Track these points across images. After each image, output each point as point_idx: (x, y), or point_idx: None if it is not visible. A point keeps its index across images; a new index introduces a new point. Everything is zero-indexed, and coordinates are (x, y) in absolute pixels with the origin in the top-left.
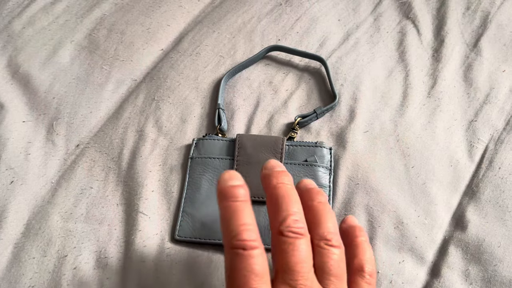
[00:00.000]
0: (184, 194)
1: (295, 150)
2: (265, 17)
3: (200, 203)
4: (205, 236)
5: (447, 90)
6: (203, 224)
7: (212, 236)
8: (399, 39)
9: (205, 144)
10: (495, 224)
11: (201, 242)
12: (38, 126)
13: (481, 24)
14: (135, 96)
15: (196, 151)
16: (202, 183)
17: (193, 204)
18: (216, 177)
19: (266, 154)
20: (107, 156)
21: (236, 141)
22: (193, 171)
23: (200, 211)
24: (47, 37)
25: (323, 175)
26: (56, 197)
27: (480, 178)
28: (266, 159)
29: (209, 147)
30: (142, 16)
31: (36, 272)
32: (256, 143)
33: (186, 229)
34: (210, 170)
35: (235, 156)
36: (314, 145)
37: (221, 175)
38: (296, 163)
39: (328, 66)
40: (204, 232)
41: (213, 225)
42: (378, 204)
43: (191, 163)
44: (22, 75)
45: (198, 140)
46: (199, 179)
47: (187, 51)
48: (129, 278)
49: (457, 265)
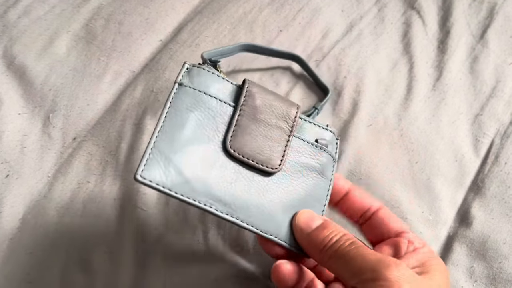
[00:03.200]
0: (160, 127)
1: (304, 125)
2: (267, 8)
3: (180, 144)
4: (180, 189)
5: (452, 82)
6: (179, 172)
7: (188, 193)
8: (403, 30)
9: (201, 75)
10: (501, 221)
11: (171, 195)
12: (34, 118)
13: (488, 15)
14: (133, 88)
15: (187, 79)
16: (188, 120)
17: (170, 143)
18: (208, 121)
19: (275, 118)
20: (104, 149)
21: (245, 87)
22: (178, 101)
23: (179, 155)
24: (43, 27)
25: (329, 165)
26: (53, 191)
27: (485, 174)
28: (275, 124)
29: (206, 81)
30: (140, 6)
31: (34, 267)
32: (266, 100)
33: (155, 172)
34: (202, 108)
35: (239, 103)
36: (326, 127)
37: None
38: (306, 140)
39: (306, 62)
40: (179, 183)
41: (193, 179)
42: (381, 199)
43: (179, 91)
44: (17, 66)
45: (192, 66)
46: (185, 114)
47: (187, 42)
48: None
49: (462, 262)
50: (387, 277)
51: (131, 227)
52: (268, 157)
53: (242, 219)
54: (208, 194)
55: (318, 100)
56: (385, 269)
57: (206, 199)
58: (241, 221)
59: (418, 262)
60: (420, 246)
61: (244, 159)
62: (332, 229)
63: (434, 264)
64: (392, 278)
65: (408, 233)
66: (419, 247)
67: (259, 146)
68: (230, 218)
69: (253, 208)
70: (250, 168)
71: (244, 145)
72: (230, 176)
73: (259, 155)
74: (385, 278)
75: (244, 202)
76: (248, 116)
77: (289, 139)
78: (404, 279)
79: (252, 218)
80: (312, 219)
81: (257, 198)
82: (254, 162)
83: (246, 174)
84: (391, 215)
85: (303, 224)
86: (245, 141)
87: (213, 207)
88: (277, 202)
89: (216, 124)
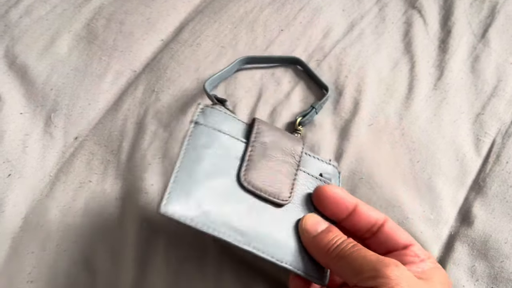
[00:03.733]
0: (179, 163)
1: (308, 160)
2: (268, 7)
3: (199, 178)
4: (200, 221)
5: (454, 82)
6: (199, 205)
7: (207, 224)
8: (404, 30)
9: (214, 114)
10: (502, 220)
11: (192, 226)
12: (35, 118)
13: (489, 14)
14: (134, 88)
15: (202, 118)
16: (204, 157)
17: (190, 179)
18: (222, 157)
19: (283, 154)
20: (106, 148)
21: (255, 125)
22: (195, 139)
23: (199, 189)
24: (44, 27)
25: None
26: (55, 190)
27: (487, 173)
28: (282, 160)
29: (219, 119)
30: (141, 5)
31: (35, 267)
32: (274, 136)
33: (176, 205)
34: (216, 145)
35: (250, 140)
36: (328, 162)
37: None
38: (311, 174)
39: (304, 63)
40: (199, 215)
41: (211, 211)
42: (382, 199)
43: (195, 129)
44: (19, 65)
45: (205, 107)
46: (201, 150)
47: (188, 41)
48: (130, 272)
49: (463, 261)
50: (387, 274)
51: (133, 226)
52: (278, 190)
53: (258, 248)
54: (226, 225)
55: (318, 100)
56: (385, 268)
57: (225, 230)
58: (257, 250)
59: (420, 270)
60: (425, 258)
61: (256, 192)
62: (336, 233)
63: (436, 274)
64: (391, 276)
65: (415, 245)
66: (424, 259)
67: (270, 180)
68: (247, 248)
69: (267, 238)
70: (262, 201)
71: (256, 179)
72: (245, 208)
73: (271, 187)
74: (384, 276)
75: (259, 232)
76: (258, 152)
77: (296, 173)
78: (403, 278)
79: (268, 247)
80: (318, 223)
81: (270, 228)
82: (266, 195)
83: (260, 206)
84: (397, 228)
85: (309, 227)
86: (257, 175)
87: (231, 237)
88: (289, 231)
89: (230, 159)
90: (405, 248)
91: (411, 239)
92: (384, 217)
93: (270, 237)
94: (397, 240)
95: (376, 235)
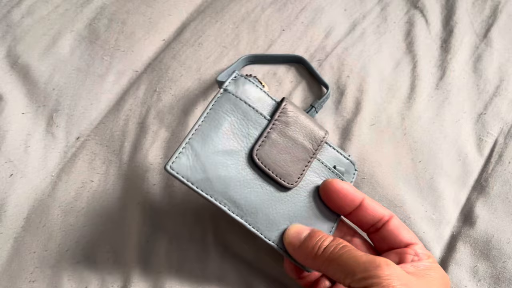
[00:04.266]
0: (197, 125)
1: (327, 149)
2: (269, 7)
3: (211, 144)
4: (201, 185)
5: (456, 81)
6: (204, 170)
7: (208, 191)
8: (406, 29)
9: (246, 85)
10: (505, 220)
11: (193, 189)
12: (37, 118)
13: (491, 14)
14: (136, 88)
15: (233, 86)
16: (223, 124)
17: (203, 141)
18: (241, 127)
19: (303, 137)
20: (108, 148)
21: (282, 104)
22: (219, 105)
23: (207, 154)
24: (46, 27)
25: None
26: (56, 190)
27: (489, 173)
28: (302, 143)
29: (249, 92)
30: (143, 5)
31: (37, 266)
32: (299, 119)
33: (183, 165)
34: (239, 115)
35: (273, 118)
36: (347, 157)
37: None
38: (325, 164)
39: (307, 61)
40: (202, 180)
41: (215, 178)
42: (384, 199)
43: (222, 96)
44: (21, 65)
45: (240, 76)
46: (222, 117)
47: (189, 41)
48: (131, 272)
49: (465, 262)
50: (378, 274)
51: (135, 226)
52: (287, 172)
53: (250, 222)
54: (225, 194)
55: (317, 99)
56: (375, 268)
57: (222, 198)
58: (248, 224)
59: (416, 269)
60: (424, 257)
61: (265, 169)
62: (320, 235)
63: (433, 273)
64: (382, 276)
65: (416, 244)
66: (422, 258)
67: (282, 160)
68: (239, 219)
69: (261, 215)
70: (268, 179)
71: (268, 157)
72: (248, 182)
73: (280, 168)
74: (376, 276)
75: (255, 208)
76: (278, 131)
77: (310, 160)
78: (394, 276)
79: (259, 224)
80: (300, 232)
81: (267, 206)
82: (274, 174)
83: (263, 183)
84: (402, 227)
85: (292, 238)
86: (270, 153)
87: (226, 206)
88: (285, 214)
89: (248, 132)
90: (407, 246)
91: (415, 238)
92: (390, 214)
93: (266, 215)
94: (400, 238)
95: (379, 231)
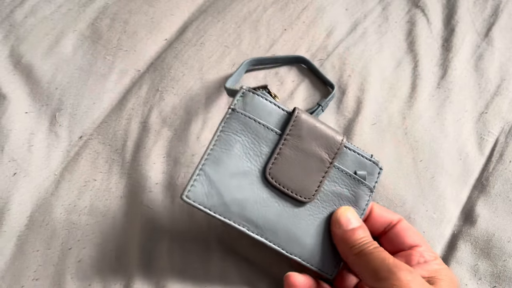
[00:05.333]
0: (209, 150)
1: (346, 154)
2: (271, 6)
3: (224, 168)
4: (219, 210)
5: (457, 80)
6: (220, 195)
7: (226, 214)
8: (408, 29)
9: (255, 101)
10: (505, 219)
11: (211, 214)
12: (41, 117)
13: (493, 13)
14: (138, 87)
15: (241, 104)
16: (235, 145)
17: (216, 166)
18: (252, 146)
19: (318, 147)
20: (110, 147)
21: (294, 115)
22: (229, 127)
23: (222, 179)
24: (49, 27)
25: (364, 197)
26: (60, 189)
27: (490, 172)
28: (317, 153)
29: (259, 107)
30: (145, 5)
31: (40, 265)
32: (312, 128)
33: (199, 193)
34: (250, 134)
35: (285, 131)
36: (369, 158)
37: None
38: (345, 171)
39: (309, 61)
40: (219, 205)
41: (231, 201)
42: (385, 198)
43: (231, 116)
44: (24, 65)
45: (247, 91)
46: (233, 139)
47: (191, 41)
48: (134, 271)
49: (466, 260)
50: (400, 278)
51: (137, 225)
52: (303, 187)
53: (270, 240)
54: (243, 216)
55: (323, 98)
56: (399, 272)
57: (240, 221)
58: (269, 242)
59: (427, 273)
60: (432, 259)
61: (280, 187)
62: (366, 234)
63: (443, 275)
64: (403, 280)
65: (421, 246)
66: (430, 260)
67: (297, 175)
68: (259, 238)
69: (282, 232)
70: (284, 196)
71: (282, 174)
72: (265, 201)
73: (295, 184)
74: (397, 279)
75: (274, 225)
76: (291, 146)
77: (327, 171)
78: (415, 283)
79: (279, 240)
80: (351, 219)
81: (287, 223)
82: (289, 191)
83: (280, 201)
84: (408, 229)
85: (343, 221)
86: (283, 169)
87: (245, 227)
88: (305, 228)
89: (260, 150)
90: (411, 248)
91: (420, 240)
92: (398, 218)
93: (286, 232)
94: (404, 240)
95: (386, 234)
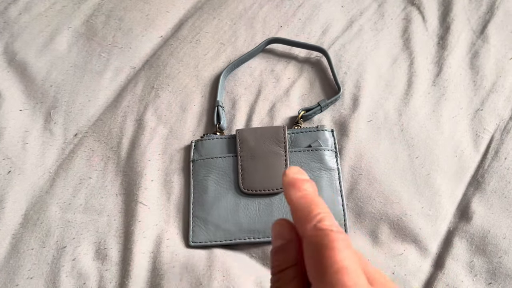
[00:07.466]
0: (192, 199)
1: (297, 137)
2: (267, 3)
3: (209, 205)
4: (221, 237)
5: (452, 78)
6: (216, 226)
7: (228, 237)
8: (403, 26)
9: (204, 145)
10: (501, 215)
11: (217, 244)
12: (35, 114)
13: (488, 11)
14: (134, 84)
15: (196, 153)
16: (208, 184)
17: (202, 207)
18: (221, 177)
19: (269, 145)
20: (106, 145)
21: (237, 137)
22: (196, 174)
23: (212, 214)
24: (43, 24)
25: (330, 159)
26: (55, 187)
27: (485, 169)
28: (270, 150)
29: (210, 147)
30: (140, 2)
31: (35, 263)
32: (257, 136)
33: (200, 234)
34: (214, 170)
35: (237, 152)
36: (316, 129)
37: (289, 168)
38: (300, 149)
39: (330, 57)
40: (219, 233)
41: (227, 225)
42: (381, 195)
43: (194, 166)
44: (18, 62)
45: (196, 142)
46: (204, 181)
47: (187, 38)
48: (129, 269)
49: (462, 257)
50: None
51: (133, 223)
52: (275, 181)
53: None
54: (243, 230)
55: (325, 98)
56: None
57: (243, 235)
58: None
59: None
60: None
61: (257, 192)
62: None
63: None
64: None
65: None
66: None
67: (265, 176)
68: (265, 240)
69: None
70: (266, 196)
71: (253, 182)
72: (254, 210)
73: (267, 182)
74: None
75: (266, 222)
76: (247, 158)
77: (286, 158)
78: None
79: None
80: (293, 168)
81: (276, 215)
82: (266, 191)
83: (265, 202)
84: None
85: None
86: (252, 178)
87: (251, 238)
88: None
89: (229, 176)
90: None
91: None
92: None
93: None
94: None
95: None
